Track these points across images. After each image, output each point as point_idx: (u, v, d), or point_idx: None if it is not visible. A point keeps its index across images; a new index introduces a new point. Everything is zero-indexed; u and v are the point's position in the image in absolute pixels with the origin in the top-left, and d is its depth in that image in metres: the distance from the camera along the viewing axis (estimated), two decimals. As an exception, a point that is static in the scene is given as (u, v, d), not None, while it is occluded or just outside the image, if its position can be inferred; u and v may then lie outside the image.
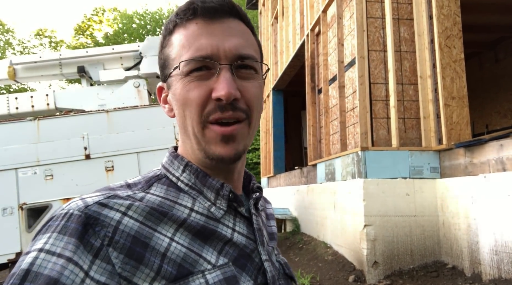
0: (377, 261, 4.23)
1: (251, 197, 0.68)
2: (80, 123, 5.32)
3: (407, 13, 4.84)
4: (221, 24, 0.59)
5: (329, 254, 5.10)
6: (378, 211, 4.30)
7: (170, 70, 0.61)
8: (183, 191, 0.61)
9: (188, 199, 0.60)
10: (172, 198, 0.59)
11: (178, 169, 0.63)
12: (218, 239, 0.58)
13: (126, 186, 0.60)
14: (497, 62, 8.81)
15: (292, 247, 6.07)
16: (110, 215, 0.52)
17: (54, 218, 0.52)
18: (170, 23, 0.62)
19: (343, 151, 5.07)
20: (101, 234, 0.50)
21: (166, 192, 0.60)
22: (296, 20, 7.85)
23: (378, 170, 4.39)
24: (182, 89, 0.59)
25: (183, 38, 0.59)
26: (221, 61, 0.57)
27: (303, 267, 4.95)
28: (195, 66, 0.58)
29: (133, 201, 0.55)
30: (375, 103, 4.73)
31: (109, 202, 0.54)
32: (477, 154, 3.81)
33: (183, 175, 0.62)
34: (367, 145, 4.47)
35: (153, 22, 25.04)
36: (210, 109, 0.57)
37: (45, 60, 6.32)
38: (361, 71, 4.65)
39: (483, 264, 3.65)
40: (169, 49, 0.61)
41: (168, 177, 0.63)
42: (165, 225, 0.55)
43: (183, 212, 0.58)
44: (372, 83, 4.77)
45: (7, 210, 5.00)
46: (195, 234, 0.57)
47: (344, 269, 4.49)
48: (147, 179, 0.62)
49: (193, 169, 0.62)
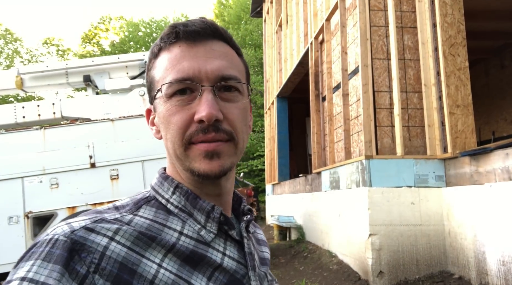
0: (382, 270, 4.19)
1: (241, 220, 0.66)
2: (86, 132, 5.37)
3: (410, 21, 4.84)
4: (204, 47, 0.60)
5: (334, 263, 5.06)
6: (383, 220, 4.26)
7: (154, 92, 0.61)
8: (172, 214, 0.60)
9: (178, 222, 0.59)
10: (161, 221, 0.58)
11: (168, 191, 0.62)
12: (207, 265, 0.57)
13: (114, 208, 0.59)
14: (502, 68, 8.76)
15: (296, 256, 6.04)
16: (96, 241, 0.51)
17: (38, 244, 0.51)
18: (155, 47, 0.62)
19: (347, 159, 5.05)
20: (87, 261, 0.49)
21: (155, 214, 0.59)
22: (300, 28, 7.89)
23: (383, 178, 4.36)
24: (165, 112, 0.59)
25: (166, 61, 0.60)
26: (203, 83, 0.57)
27: (308, 277, 4.91)
28: (177, 88, 0.58)
29: (121, 225, 0.54)
30: (379, 111, 4.72)
31: (95, 227, 0.52)
32: (482, 163, 3.77)
33: (173, 197, 0.61)
34: (372, 154, 4.45)
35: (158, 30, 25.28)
36: (192, 132, 0.57)
37: (51, 69, 6.39)
38: (365, 80, 4.65)
39: (490, 274, 3.59)
40: (154, 71, 0.62)
41: (157, 199, 0.62)
42: (153, 251, 0.54)
43: (172, 235, 0.57)
44: (376, 91, 4.76)
45: (13, 219, 5.04)
46: (184, 260, 0.55)
47: (349, 279, 4.45)
48: (135, 201, 0.61)
49: (183, 191, 0.61)
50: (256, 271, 0.63)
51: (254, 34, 20.59)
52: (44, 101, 6.46)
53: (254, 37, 20.49)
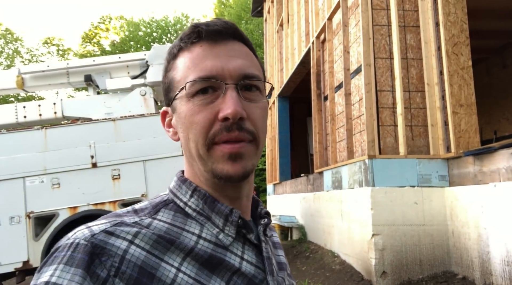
0: (385, 271, 4.17)
1: (259, 223, 0.66)
2: (87, 132, 5.35)
3: (413, 20, 4.82)
4: (225, 46, 0.60)
5: (337, 263, 5.04)
6: (386, 220, 4.24)
7: (174, 93, 0.61)
8: (190, 217, 0.59)
9: (196, 226, 0.59)
10: (180, 224, 0.58)
11: (186, 194, 0.61)
12: (226, 269, 0.57)
13: (133, 212, 0.59)
14: (504, 68, 8.73)
15: (299, 256, 6.02)
16: (116, 244, 0.51)
17: (60, 248, 0.51)
18: (174, 48, 0.62)
19: (350, 159, 5.03)
20: (107, 264, 0.49)
21: (174, 218, 0.59)
22: (302, 27, 7.86)
23: (386, 178, 4.34)
24: (187, 112, 0.58)
25: (188, 60, 0.59)
26: (226, 81, 0.58)
27: (311, 277, 4.89)
28: (200, 87, 0.57)
29: (140, 228, 0.54)
30: (382, 110, 4.70)
31: (115, 230, 0.53)
32: (486, 163, 3.75)
33: (191, 200, 0.61)
34: (374, 153, 4.43)
35: (159, 29, 25.27)
36: (216, 131, 0.56)
37: (52, 69, 6.38)
38: (368, 79, 4.63)
39: (494, 275, 3.57)
40: (174, 72, 0.61)
41: (175, 202, 0.61)
42: (172, 254, 0.54)
43: (190, 239, 0.56)
44: (379, 91, 4.74)
45: (14, 219, 5.03)
46: (203, 264, 0.55)
47: (352, 279, 4.43)
48: (154, 204, 0.61)
49: (201, 194, 0.60)
50: (274, 276, 0.63)
51: (254, 33, 20.57)
52: (45, 101, 6.45)
53: (255, 36, 20.47)
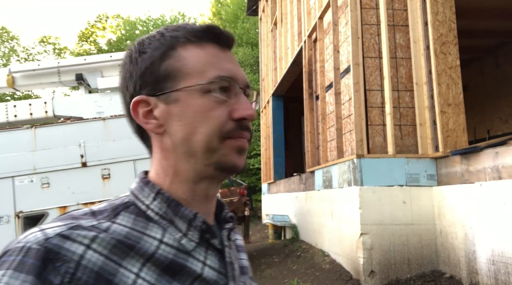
0: (373, 270, 4.18)
1: (223, 228, 0.65)
2: (77, 131, 5.33)
3: (402, 19, 4.82)
4: (230, 54, 0.64)
5: (327, 262, 5.04)
6: (374, 220, 4.25)
7: (178, 83, 0.59)
8: (152, 221, 0.58)
9: (158, 230, 0.57)
10: (140, 228, 0.56)
11: (149, 197, 0.59)
12: (187, 275, 0.56)
13: (91, 214, 0.56)
14: (497, 67, 8.75)
15: (290, 255, 6.02)
16: (72, 249, 0.49)
17: (9, 252, 0.48)
18: (176, 38, 0.61)
19: (339, 158, 5.04)
20: (61, 271, 0.47)
21: (134, 222, 0.57)
22: (294, 27, 7.86)
23: (374, 177, 4.35)
24: (202, 106, 0.58)
25: (203, 56, 0.60)
26: (240, 85, 0.62)
27: (301, 276, 4.90)
28: (221, 85, 0.59)
29: (98, 232, 0.52)
30: (370, 110, 4.70)
31: (71, 234, 0.50)
32: (473, 162, 3.76)
33: (154, 203, 0.59)
34: (363, 153, 4.43)
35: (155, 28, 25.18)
36: (231, 128, 0.59)
37: (43, 68, 6.35)
38: (356, 78, 4.63)
39: (480, 274, 3.58)
40: (178, 63, 0.59)
41: (136, 205, 0.59)
42: (132, 260, 0.52)
43: (151, 244, 0.55)
44: (368, 90, 4.74)
45: (3, 219, 5.01)
46: (163, 269, 0.54)
47: (341, 278, 4.44)
48: (113, 206, 0.58)
49: (165, 197, 0.59)
50: (236, 281, 0.62)
51: (251, 32, 20.56)
52: (36, 100, 6.43)
53: (251, 35, 20.45)
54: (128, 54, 0.62)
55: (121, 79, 0.63)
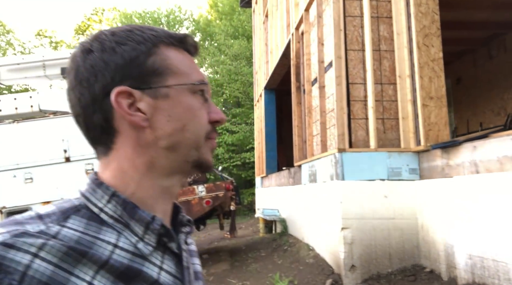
0: (354, 264, 4.17)
1: (180, 231, 0.63)
2: (60, 126, 5.30)
3: (386, 11, 4.74)
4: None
5: (311, 257, 5.04)
6: (355, 214, 4.22)
7: (166, 80, 0.59)
8: (106, 224, 0.55)
9: (112, 234, 0.54)
10: (93, 233, 0.53)
11: (102, 199, 0.56)
12: (143, 281, 0.53)
13: (37, 217, 0.52)
14: (491, 59, 8.65)
15: (277, 249, 6.02)
16: (17, 259, 0.45)
17: None
18: (157, 37, 0.61)
19: (323, 152, 5.00)
20: (4, 283, 0.44)
21: (86, 226, 0.53)
22: (284, 19, 7.77)
23: (356, 172, 4.31)
24: (192, 104, 0.61)
25: (184, 60, 0.63)
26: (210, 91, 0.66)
27: (285, 270, 4.89)
28: (200, 88, 0.62)
29: (47, 239, 0.48)
30: (353, 103, 4.65)
31: (16, 242, 0.46)
32: (452, 156, 3.72)
33: (108, 206, 0.56)
34: (344, 147, 4.39)
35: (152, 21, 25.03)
36: (210, 129, 0.63)
37: (28, 61, 6.30)
38: (338, 71, 4.57)
39: (458, 268, 3.57)
40: (164, 61, 0.60)
41: (88, 207, 0.56)
42: (84, 267, 0.49)
43: (105, 249, 0.52)
44: (351, 83, 4.68)
45: (-14, 214, 5.00)
46: (118, 276, 0.51)
47: (323, 273, 4.43)
48: (63, 210, 0.54)
49: (120, 200, 0.56)
50: None
51: (246, 25, 20.39)
52: (21, 94, 6.38)
53: (247, 27, 20.29)
54: (99, 42, 0.58)
55: (86, 67, 0.57)
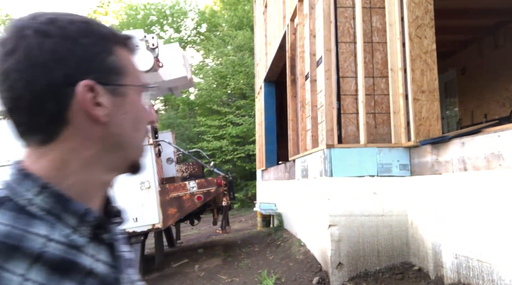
0: (341, 262, 4.10)
1: (112, 221, 0.64)
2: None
3: (379, 1, 4.58)
4: None
5: (301, 253, 4.99)
6: (343, 211, 4.15)
7: (123, 79, 0.61)
8: (36, 217, 0.52)
9: (44, 226, 0.52)
10: (23, 226, 0.50)
11: (31, 191, 0.53)
12: (78, 271, 0.53)
13: None
14: (496, 48, 8.37)
15: (270, 245, 5.99)
16: None
17: None
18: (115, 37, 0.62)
19: (314, 148, 4.91)
20: None
21: (15, 219, 0.51)
22: (280, 10, 7.61)
23: (344, 168, 4.22)
24: (140, 105, 0.64)
25: (133, 61, 0.64)
26: None
27: (275, 267, 4.86)
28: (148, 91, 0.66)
29: None
30: (344, 98, 4.53)
31: None
32: (442, 152, 3.60)
33: (38, 198, 0.53)
34: (333, 142, 4.30)
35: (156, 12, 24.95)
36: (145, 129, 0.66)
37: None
38: (328, 65, 4.45)
39: (445, 267, 3.48)
40: (121, 61, 0.61)
41: (14, 200, 0.53)
42: (17, 262, 0.48)
43: (37, 242, 0.50)
44: (342, 77, 4.56)
45: None
46: (53, 268, 0.50)
47: (311, 270, 4.38)
48: None
49: (52, 192, 0.54)
50: (125, 274, 0.63)
51: (251, 15, 20.16)
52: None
53: (251, 18, 20.06)
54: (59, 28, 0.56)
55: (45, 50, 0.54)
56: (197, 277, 4.99)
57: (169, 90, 7.34)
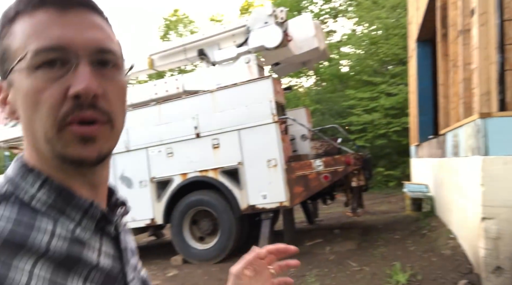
0: (500, 266, 3.13)
1: (115, 213, 0.61)
2: (191, 104, 5.78)
3: None
4: (77, 15, 0.53)
5: (449, 247, 4.08)
6: (504, 200, 3.12)
7: (11, 64, 0.52)
8: (40, 212, 0.51)
9: (48, 221, 0.51)
10: (28, 221, 0.50)
11: (33, 186, 0.53)
12: (83, 266, 0.52)
13: None
14: None
15: (414, 233, 5.15)
16: None
17: None
18: (10, 10, 0.53)
19: (466, 118, 3.86)
20: None
21: (19, 214, 0.50)
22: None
23: (507, 144, 3.14)
24: (30, 88, 0.50)
25: (28, 27, 0.51)
26: (78, 53, 0.51)
27: (413, 260, 4.13)
28: (45, 58, 0.50)
29: None
30: (509, 48, 3.34)
31: None
32: None
33: (40, 193, 0.52)
34: (490, 110, 3.24)
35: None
36: (67, 110, 0.50)
37: (172, 47, 7.05)
38: (484, 7, 3.33)
39: None
40: (9, 39, 0.52)
41: (17, 195, 0.52)
42: (23, 257, 0.47)
43: (42, 237, 0.49)
44: (506, 20, 3.36)
45: (142, 183, 5.99)
46: (59, 263, 0.50)
47: (458, 270, 3.51)
48: None
49: (54, 186, 0.53)
50: (130, 264, 0.62)
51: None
52: (169, 78, 7.23)
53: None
54: None
55: None
56: (325, 261, 4.70)
57: (302, 64, 7.04)
